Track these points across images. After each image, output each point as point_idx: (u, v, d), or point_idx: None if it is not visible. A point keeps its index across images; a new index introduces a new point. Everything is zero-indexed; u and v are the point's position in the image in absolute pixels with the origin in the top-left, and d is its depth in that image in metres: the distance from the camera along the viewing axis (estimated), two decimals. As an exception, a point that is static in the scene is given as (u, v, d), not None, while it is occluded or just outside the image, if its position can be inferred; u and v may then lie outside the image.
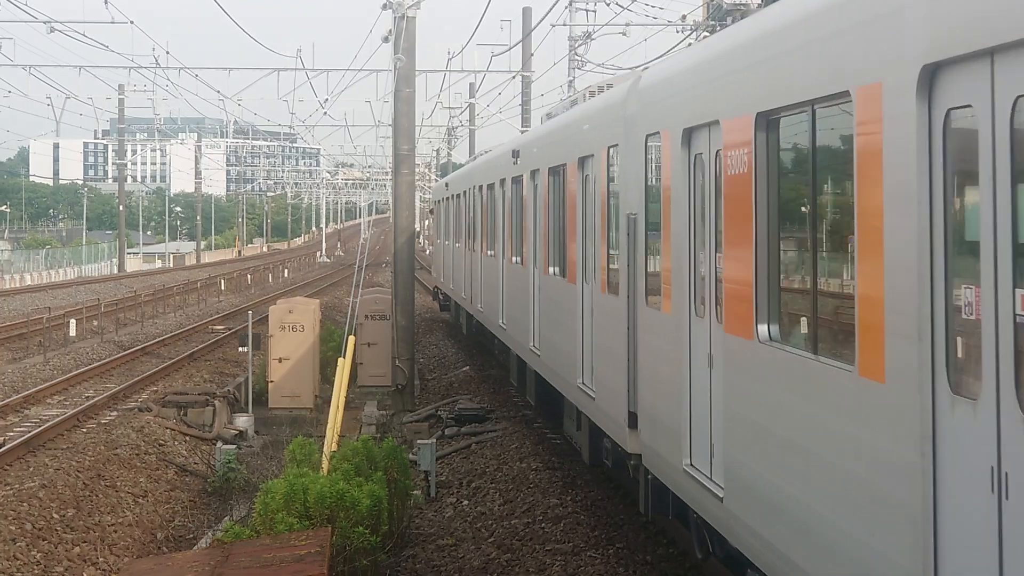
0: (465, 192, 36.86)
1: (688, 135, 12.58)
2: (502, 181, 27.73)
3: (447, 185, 44.47)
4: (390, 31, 31.73)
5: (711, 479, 11.74)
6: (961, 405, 7.22)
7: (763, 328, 10.33)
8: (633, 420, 14.83)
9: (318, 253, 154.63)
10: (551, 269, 20.91)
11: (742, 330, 10.74)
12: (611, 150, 16.05)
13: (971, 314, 7.19)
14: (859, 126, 8.27)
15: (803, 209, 9.81)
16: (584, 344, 17.92)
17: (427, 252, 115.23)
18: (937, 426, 7.44)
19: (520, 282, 24.69)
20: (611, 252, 16.17)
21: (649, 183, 14.54)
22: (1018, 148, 6.72)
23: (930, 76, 7.44)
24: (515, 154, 24.89)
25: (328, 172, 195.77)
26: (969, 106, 7.11)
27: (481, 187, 32.09)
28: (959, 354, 7.34)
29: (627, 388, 15.00)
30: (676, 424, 12.84)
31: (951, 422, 7.31)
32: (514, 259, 25.85)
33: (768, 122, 10.21)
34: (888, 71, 7.86)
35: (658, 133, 13.61)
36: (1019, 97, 6.67)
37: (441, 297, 50.81)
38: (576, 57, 54.74)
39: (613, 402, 15.79)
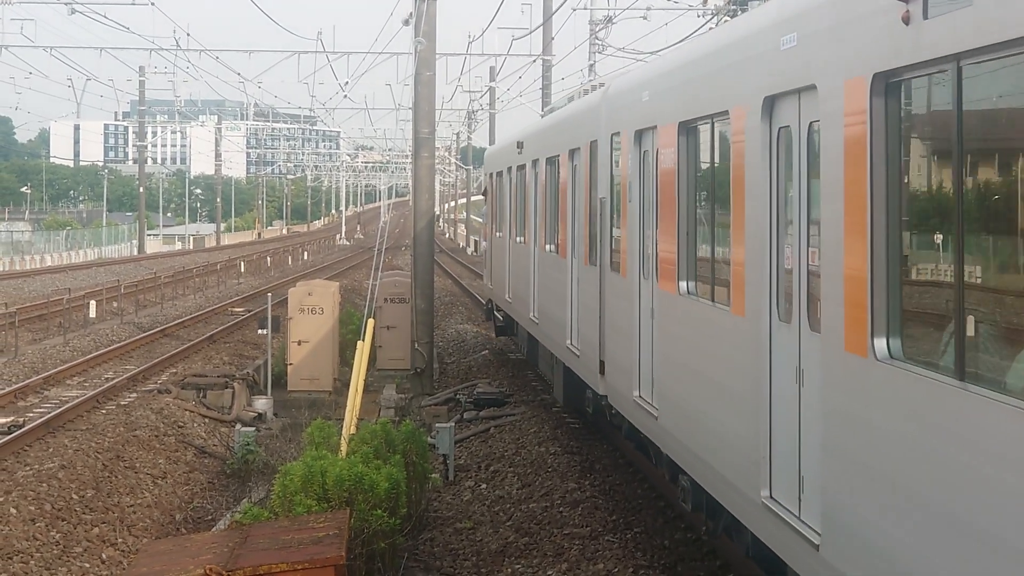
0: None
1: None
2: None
3: (520, 146, 27.67)
4: (411, 14, 31.69)
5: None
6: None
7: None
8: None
9: (338, 236, 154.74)
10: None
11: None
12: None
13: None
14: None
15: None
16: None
17: (470, 250, 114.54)
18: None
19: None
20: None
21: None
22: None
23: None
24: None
25: (348, 155, 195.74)
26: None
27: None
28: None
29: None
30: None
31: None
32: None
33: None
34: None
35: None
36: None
37: (498, 317, 34.76)
38: (597, 41, 54.64)
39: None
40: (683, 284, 13.62)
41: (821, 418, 9.39)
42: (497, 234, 32.57)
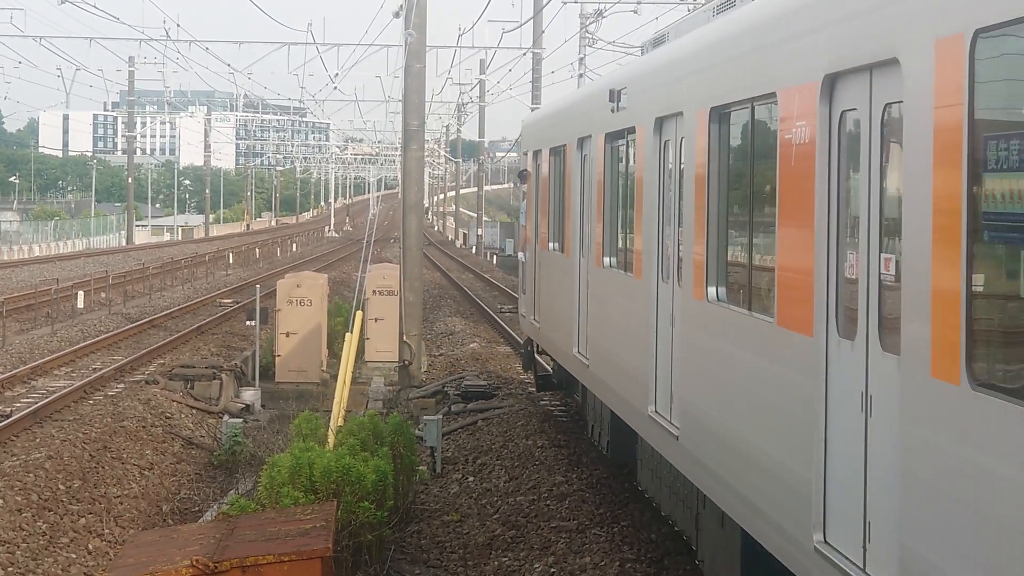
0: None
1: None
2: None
3: (616, 97, 16.10)
4: (401, 6, 31.65)
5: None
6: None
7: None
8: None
9: (326, 228, 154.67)
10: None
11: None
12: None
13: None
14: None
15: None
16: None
17: (459, 243, 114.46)
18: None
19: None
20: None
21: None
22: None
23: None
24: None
25: (337, 147, 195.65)
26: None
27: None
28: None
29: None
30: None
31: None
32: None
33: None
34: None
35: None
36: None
37: (542, 363, 25.61)
38: (587, 35, 54.66)
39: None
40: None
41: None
42: (551, 246, 21.37)
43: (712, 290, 11.87)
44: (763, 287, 10.56)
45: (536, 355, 25.12)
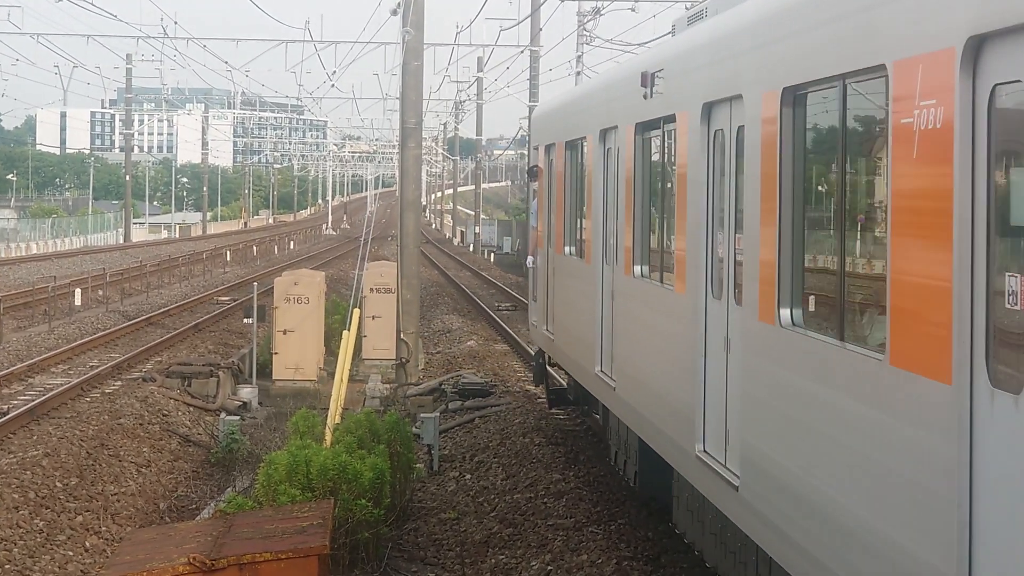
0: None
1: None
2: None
3: (650, 81, 13.81)
4: (399, 3, 31.65)
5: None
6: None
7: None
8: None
9: (324, 226, 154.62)
10: None
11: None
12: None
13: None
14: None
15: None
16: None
17: (456, 241, 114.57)
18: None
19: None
20: None
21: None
22: None
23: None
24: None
25: (335, 145, 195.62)
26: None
27: None
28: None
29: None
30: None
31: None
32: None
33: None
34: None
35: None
36: None
37: (555, 377, 24.25)
38: (585, 32, 54.68)
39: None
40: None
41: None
42: (567, 250, 19.54)
43: (786, 313, 9.69)
44: (864, 311, 8.60)
45: (548, 367, 23.16)
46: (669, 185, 13.50)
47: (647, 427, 14.26)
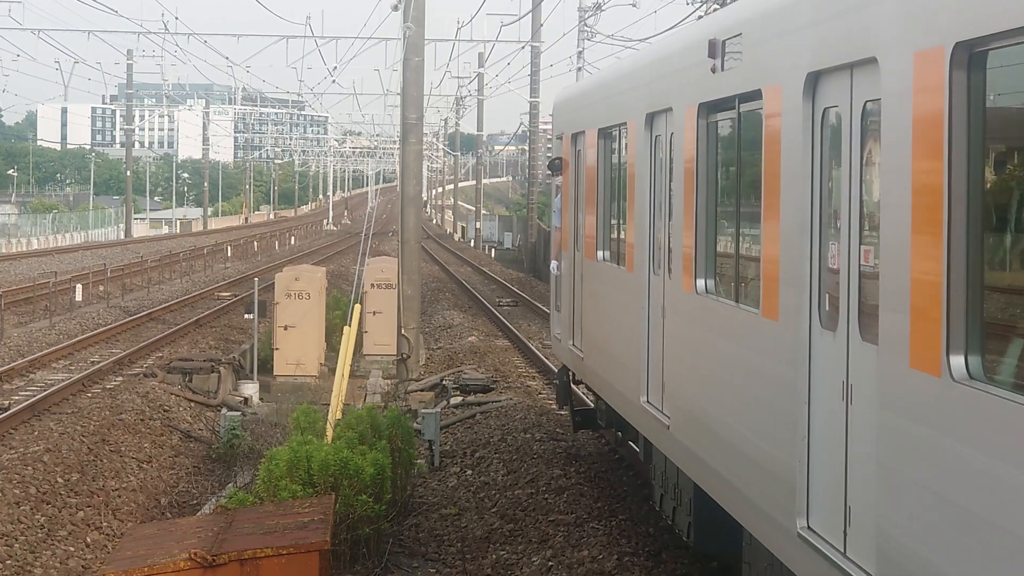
0: None
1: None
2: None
3: (720, 52, 11.22)
4: (399, -1, 31.63)
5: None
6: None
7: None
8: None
9: (325, 221, 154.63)
10: None
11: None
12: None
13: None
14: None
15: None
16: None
17: (457, 236, 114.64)
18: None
19: None
20: None
21: None
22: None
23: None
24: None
25: (336, 140, 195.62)
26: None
27: None
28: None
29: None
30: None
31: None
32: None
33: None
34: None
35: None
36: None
37: (581, 396, 21.78)
38: (586, 28, 54.67)
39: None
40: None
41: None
42: (601, 255, 16.83)
43: (958, 361, 6.84)
44: None
45: (573, 385, 20.49)
46: (751, 178, 10.68)
47: (716, 482, 11.31)
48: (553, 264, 20.44)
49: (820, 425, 8.95)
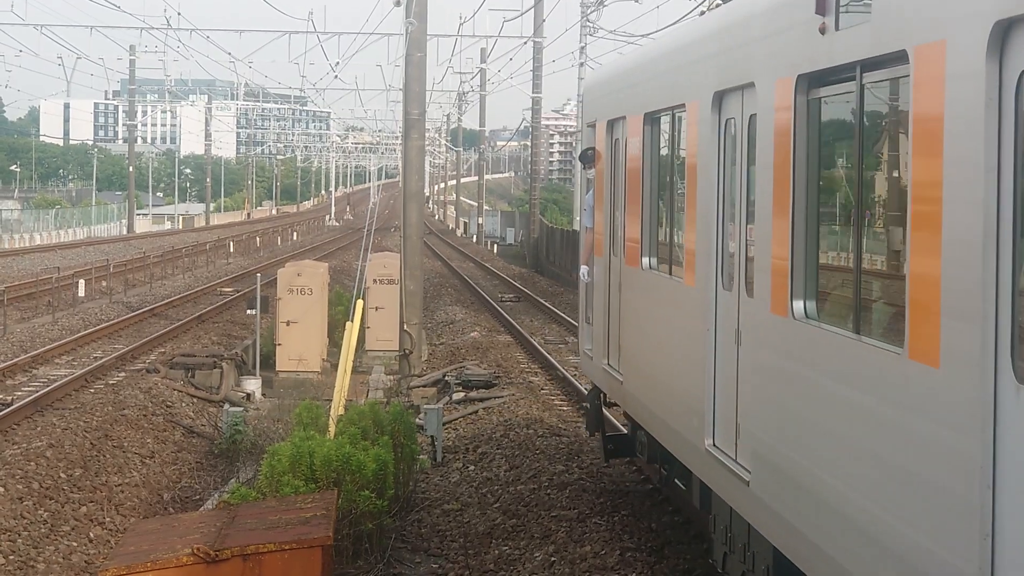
0: None
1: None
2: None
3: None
4: (402, -5, 31.60)
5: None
6: None
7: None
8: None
9: (327, 217, 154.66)
10: None
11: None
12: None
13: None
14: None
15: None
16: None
17: (459, 232, 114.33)
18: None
19: None
20: None
21: None
22: None
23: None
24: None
25: (338, 136, 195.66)
26: None
27: None
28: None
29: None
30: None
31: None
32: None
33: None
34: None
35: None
36: None
37: (612, 421, 19.71)
38: (588, 23, 54.63)
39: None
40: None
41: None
42: (647, 262, 14.27)
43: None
44: None
45: (604, 408, 17.77)
46: (884, 174, 8.41)
47: (817, 557, 8.81)
48: (583, 270, 17.76)
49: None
